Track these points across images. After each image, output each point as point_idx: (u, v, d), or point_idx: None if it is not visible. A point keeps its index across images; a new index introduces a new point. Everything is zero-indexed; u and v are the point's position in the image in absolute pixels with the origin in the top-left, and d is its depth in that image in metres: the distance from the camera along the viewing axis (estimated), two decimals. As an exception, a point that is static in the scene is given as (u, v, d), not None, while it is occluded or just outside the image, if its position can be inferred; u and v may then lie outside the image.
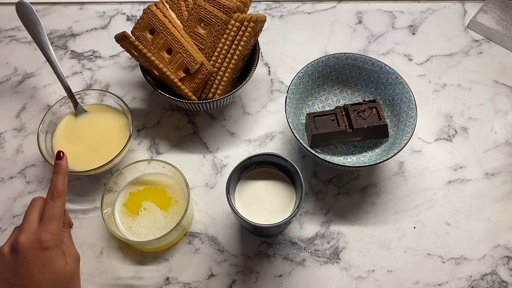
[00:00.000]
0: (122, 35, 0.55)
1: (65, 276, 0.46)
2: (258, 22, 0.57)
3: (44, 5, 0.78)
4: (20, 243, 0.44)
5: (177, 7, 0.59)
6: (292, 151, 0.64)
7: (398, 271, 0.56)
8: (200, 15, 0.57)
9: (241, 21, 0.56)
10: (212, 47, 0.58)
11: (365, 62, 0.62)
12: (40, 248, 0.44)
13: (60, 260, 0.46)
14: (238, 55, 0.57)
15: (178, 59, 0.57)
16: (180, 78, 0.58)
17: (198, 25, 0.58)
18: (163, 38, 0.57)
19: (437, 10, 0.78)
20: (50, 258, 0.45)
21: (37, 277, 0.43)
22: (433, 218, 0.59)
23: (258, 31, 0.60)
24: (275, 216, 0.51)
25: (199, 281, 0.55)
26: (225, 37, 0.57)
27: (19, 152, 0.64)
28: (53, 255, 0.45)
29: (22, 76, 0.71)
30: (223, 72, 0.58)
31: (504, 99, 0.69)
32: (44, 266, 0.44)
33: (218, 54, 0.58)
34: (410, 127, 0.57)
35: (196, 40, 0.58)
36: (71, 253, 0.48)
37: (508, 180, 0.62)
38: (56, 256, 0.45)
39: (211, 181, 0.62)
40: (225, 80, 0.58)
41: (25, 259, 0.44)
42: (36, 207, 0.48)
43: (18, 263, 0.44)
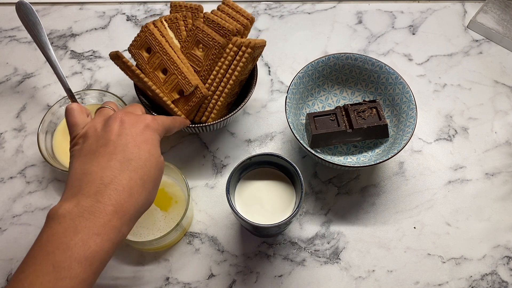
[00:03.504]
0: (115, 55, 0.54)
1: (157, 163, 0.39)
2: (256, 48, 0.55)
3: (44, 5, 0.78)
4: (121, 115, 0.39)
5: (176, 27, 0.58)
6: (292, 151, 0.64)
7: (398, 271, 0.56)
8: (197, 37, 0.55)
9: (238, 46, 0.54)
10: (208, 70, 0.56)
11: (365, 62, 0.62)
12: (144, 125, 0.40)
13: (157, 146, 0.40)
14: (234, 80, 0.55)
15: (173, 80, 0.55)
16: (174, 100, 0.56)
17: (195, 47, 0.56)
18: (159, 58, 0.56)
19: (437, 10, 0.78)
20: (150, 138, 0.39)
21: (131, 150, 0.37)
22: (433, 218, 0.59)
23: (257, 56, 0.58)
24: (275, 216, 0.51)
25: (199, 281, 0.55)
26: (222, 60, 0.55)
27: (19, 152, 0.64)
28: (153, 137, 0.40)
29: (22, 76, 0.71)
30: (218, 96, 0.56)
31: (504, 99, 0.69)
32: (142, 142, 0.38)
33: (214, 77, 0.56)
34: (410, 127, 0.57)
35: (192, 62, 0.56)
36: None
37: (508, 180, 0.62)
38: (155, 140, 0.40)
39: (211, 181, 0.62)
40: (219, 104, 0.56)
41: (124, 130, 0.38)
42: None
43: (114, 133, 0.38)
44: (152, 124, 0.41)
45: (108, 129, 0.39)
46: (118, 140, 0.38)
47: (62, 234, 0.33)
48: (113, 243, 0.34)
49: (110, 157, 0.37)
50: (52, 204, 0.60)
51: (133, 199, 0.36)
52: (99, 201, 0.34)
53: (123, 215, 0.35)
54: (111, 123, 0.39)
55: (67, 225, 0.33)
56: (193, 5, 0.59)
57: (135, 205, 0.36)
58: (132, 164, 0.37)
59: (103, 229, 0.33)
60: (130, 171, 0.37)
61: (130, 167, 0.37)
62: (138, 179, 0.37)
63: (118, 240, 0.35)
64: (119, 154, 0.37)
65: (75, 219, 0.33)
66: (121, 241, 0.35)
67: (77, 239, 0.32)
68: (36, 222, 0.59)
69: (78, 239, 0.32)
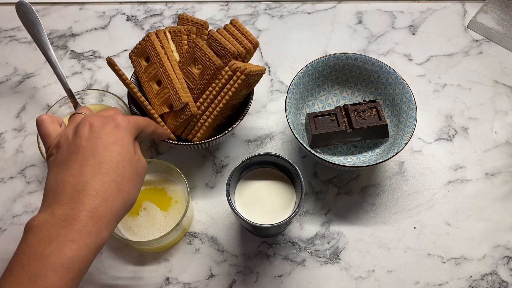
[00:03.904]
0: (108, 61, 0.55)
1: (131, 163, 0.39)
2: (251, 75, 0.53)
3: (44, 5, 0.78)
4: (91, 119, 0.39)
5: (179, 40, 0.57)
6: (292, 151, 0.64)
7: (398, 271, 0.56)
8: (195, 54, 0.55)
9: (234, 70, 0.53)
10: (202, 89, 0.55)
11: (365, 62, 0.62)
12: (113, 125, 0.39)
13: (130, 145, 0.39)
14: (224, 103, 0.54)
15: (165, 93, 0.55)
16: (164, 113, 0.56)
17: (192, 64, 0.55)
18: (156, 69, 0.55)
19: (437, 10, 0.78)
20: (120, 138, 0.39)
21: (101, 153, 0.37)
22: (433, 218, 0.59)
23: (253, 83, 0.57)
24: (275, 216, 0.51)
25: (199, 281, 0.55)
26: (216, 82, 0.55)
27: (19, 152, 0.64)
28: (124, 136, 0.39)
29: (22, 76, 0.71)
30: (207, 117, 0.55)
31: (504, 99, 0.69)
32: (112, 144, 0.38)
33: (206, 97, 0.55)
34: (410, 127, 0.57)
35: (188, 78, 0.56)
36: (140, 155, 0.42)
37: (508, 180, 0.62)
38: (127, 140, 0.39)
39: (211, 181, 0.62)
40: (206, 125, 0.56)
41: (93, 133, 0.38)
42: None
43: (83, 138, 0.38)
44: (122, 123, 0.40)
45: (78, 135, 0.39)
46: (88, 144, 0.38)
47: (37, 245, 0.33)
48: (91, 248, 0.34)
49: (81, 163, 0.37)
50: (52, 204, 0.60)
51: (108, 203, 0.36)
52: (73, 208, 0.34)
53: (98, 219, 0.34)
54: (80, 129, 0.39)
55: (42, 235, 0.33)
56: (199, 21, 0.58)
57: (111, 209, 0.36)
58: (104, 167, 0.37)
59: (78, 235, 0.33)
60: (103, 174, 0.36)
61: (102, 170, 0.36)
62: (111, 182, 0.36)
63: (97, 245, 0.34)
64: (90, 159, 0.37)
65: (49, 229, 0.33)
66: (101, 245, 0.35)
67: (51, 248, 0.32)
68: (36, 222, 0.59)
69: (53, 247, 0.32)
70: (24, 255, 0.33)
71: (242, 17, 0.77)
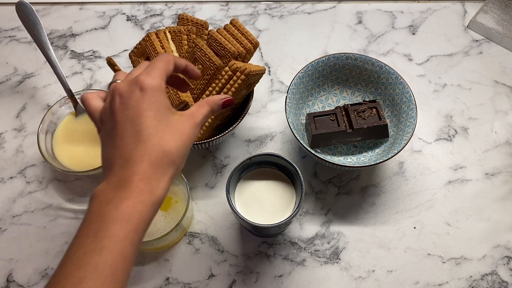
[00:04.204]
0: (108, 61, 0.55)
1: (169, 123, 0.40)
2: (251, 75, 0.53)
3: (44, 5, 0.78)
4: (118, 87, 0.40)
5: (179, 40, 0.57)
6: (292, 151, 0.64)
7: (398, 271, 0.56)
8: (196, 54, 0.54)
9: (234, 70, 0.53)
10: (202, 89, 0.55)
11: (365, 62, 0.62)
12: (138, 90, 0.39)
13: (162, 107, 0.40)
14: None
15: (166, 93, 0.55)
16: None
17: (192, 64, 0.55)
18: None
19: (437, 10, 0.78)
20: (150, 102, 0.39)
21: (137, 122, 0.38)
22: (433, 218, 0.59)
23: (253, 83, 0.57)
24: (275, 216, 0.51)
25: (199, 281, 0.55)
26: (216, 82, 0.55)
27: (19, 152, 0.64)
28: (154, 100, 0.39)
29: (22, 76, 0.71)
30: None
31: (504, 99, 0.69)
32: (144, 110, 0.39)
33: (205, 97, 0.55)
34: (410, 127, 0.57)
35: None
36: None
37: (508, 180, 0.62)
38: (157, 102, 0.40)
39: (211, 181, 0.62)
40: (206, 125, 0.56)
41: (124, 104, 0.39)
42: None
43: (118, 111, 0.39)
44: (147, 83, 0.40)
45: (113, 108, 0.40)
46: (123, 116, 0.39)
47: (97, 208, 0.36)
48: (146, 204, 0.36)
49: (122, 135, 0.39)
50: (52, 204, 0.60)
51: (155, 165, 0.38)
52: (124, 174, 0.37)
53: (148, 180, 0.37)
54: (113, 102, 0.41)
55: (101, 199, 0.36)
56: (199, 21, 0.58)
57: (158, 169, 0.38)
58: (143, 134, 0.39)
59: (131, 194, 0.36)
60: (144, 141, 0.38)
61: (142, 138, 0.38)
62: (153, 146, 0.39)
63: (152, 201, 0.37)
64: (129, 130, 0.39)
65: (106, 194, 0.36)
66: (156, 202, 0.37)
67: (109, 207, 0.35)
68: (36, 222, 0.59)
69: (111, 206, 0.35)
70: (88, 218, 0.36)
71: (242, 17, 0.77)
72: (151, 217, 0.37)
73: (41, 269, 0.56)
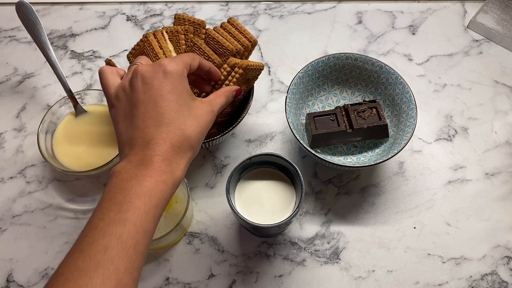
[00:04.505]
0: (107, 63, 0.55)
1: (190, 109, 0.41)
2: (248, 69, 0.53)
3: (44, 5, 0.78)
4: (141, 68, 0.41)
5: (176, 40, 0.56)
6: (292, 151, 0.64)
7: (398, 271, 0.56)
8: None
9: (232, 66, 0.53)
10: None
11: (365, 62, 0.62)
12: (162, 72, 0.40)
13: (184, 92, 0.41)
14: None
15: None
16: None
17: None
18: None
19: (437, 10, 0.78)
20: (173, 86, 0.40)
21: (160, 104, 0.40)
22: (433, 218, 0.59)
23: (252, 79, 0.56)
24: (275, 216, 0.51)
25: (199, 281, 0.55)
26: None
27: (19, 152, 0.64)
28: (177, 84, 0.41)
29: (22, 76, 0.71)
30: None
31: (504, 99, 0.69)
32: (167, 93, 0.40)
33: (205, 95, 0.54)
34: (410, 127, 0.57)
35: None
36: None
37: (508, 180, 0.62)
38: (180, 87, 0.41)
39: (211, 181, 0.62)
40: None
41: (147, 85, 0.40)
42: None
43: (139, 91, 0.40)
44: (170, 67, 0.41)
45: (134, 88, 0.41)
46: (145, 97, 0.40)
47: (120, 183, 0.37)
48: (167, 183, 0.38)
49: (144, 116, 0.40)
50: (52, 204, 0.60)
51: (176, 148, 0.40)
52: (146, 154, 0.38)
53: (169, 161, 0.39)
54: (134, 81, 0.41)
55: (123, 176, 0.37)
56: (197, 20, 0.58)
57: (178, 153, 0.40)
58: (166, 117, 0.40)
59: (154, 172, 0.37)
60: (166, 124, 0.40)
61: (164, 120, 0.40)
62: (175, 130, 0.40)
63: (173, 181, 0.38)
64: (151, 111, 0.40)
65: (129, 171, 0.37)
66: (176, 182, 0.39)
67: (132, 183, 0.37)
68: (36, 222, 0.59)
69: (134, 182, 0.37)
70: (110, 192, 0.37)
71: (242, 17, 0.77)
72: (170, 197, 0.39)
73: (41, 269, 0.56)
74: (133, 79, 0.41)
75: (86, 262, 0.33)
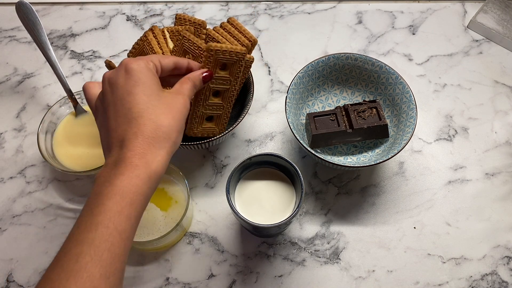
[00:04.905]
0: (107, 64, 0.55)
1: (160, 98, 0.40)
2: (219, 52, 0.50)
3: (44, 5, 0.78)
4: (106, 74, 0.41)
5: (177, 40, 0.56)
6: (292, 151, 0.64)
7: (398, 271, 0.56)
8: (184, 46, 0.53)
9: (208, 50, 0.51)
10: None
11: (365, 62, 0.62)
12: (123, 70, 0.41)
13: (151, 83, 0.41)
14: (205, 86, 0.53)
15: None
16: None
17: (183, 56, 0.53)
18: None
19: (437, 10, 0.78)
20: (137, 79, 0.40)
21: (127, 100, 0.39)
22: (433, 218, 0.59)
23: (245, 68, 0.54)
24: (275, 216, 0.51)
25: (199, 281, 0.55)
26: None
27: (19, 152, 0.64)
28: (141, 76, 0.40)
29: (22, 76, 0.71)
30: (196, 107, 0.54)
31: (504, 99, 0.69)
32: (132, 87, 0.40)
33: None
34: (410, 127, 0.57)
35: None
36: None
37: (508, 180, 0.62)
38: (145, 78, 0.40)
39: (211, 181, 0.62)
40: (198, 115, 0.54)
41: (113, 86, 0.41)
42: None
43: (108, 94, 0.41)
44: (133, 65, 0.41)
45: (104, 93, 0.42)
46: (113, 98, 0.40)
47: (96, 188, 0.37)
48: (141, 177, 0.37)
49: (114, 116, 0.40)
50: (52, 204, 0.60)
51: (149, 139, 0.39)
52: (119, 154, 0.38)
53: (143, 154, 0.38)
54: (104, 87, 0.42)
55: (99, 181, 0.38)
56: (197, 20, 0.58)
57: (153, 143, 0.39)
58: (134, 111, 0.39)
59: (125, 169, 0.37)
60: (135, 118, 0.39)
61: (133, 115, 0.39)
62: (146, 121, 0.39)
63: (148, 175, 0.38)
64: (120, 110, 0.40)
65: (105, 175, 0.38)
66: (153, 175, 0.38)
67: (105, 185, 0.37)
68: (36, 222, 0.59)
69: (106, 184, 0.37)
70: (88, 199, 0.37)
71: (242, 17, 0.77)
72: (148, 191, 0.38)
73: (41, 269, 0.56)
74: (103, 86, 0.42)
75: (58, 273, 0.33)
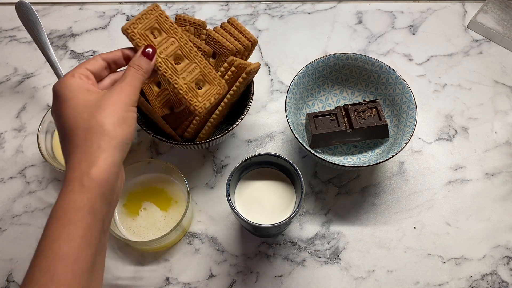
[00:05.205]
0: None
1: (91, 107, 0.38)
2: (251, 73, 0.53)
3: (44, 5, 0.78)
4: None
5: None
6: (292, 151, 0.64)
7: (398, 271, 0.56)
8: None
9: (237, 67, 0.52)
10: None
11: (365, 62, 0.62)
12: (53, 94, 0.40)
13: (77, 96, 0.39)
14: (226, 102, 0.54)
15: (166, 95, 0.55)
16: (166, 114, 0.56)
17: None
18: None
19: (437, 10, 0.78)
20: (63, 98, 0.39)
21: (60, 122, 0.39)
22: (433, 218, 0.59)
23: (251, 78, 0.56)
24: (275, 216, 0.51)
25: (199, 281, 0.55)
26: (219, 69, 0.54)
27: (19, 152, 0.64)
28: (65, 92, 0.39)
29: (22, 76, 0.71)
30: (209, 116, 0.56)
31: (504, 99, 0.69)
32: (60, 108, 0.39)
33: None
34: (410, 127, 0.57)
35: None
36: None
37: (508, 180, 0.62)
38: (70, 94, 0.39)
39: (211, 181, 0.62)
40: (209, 125, 0.56)
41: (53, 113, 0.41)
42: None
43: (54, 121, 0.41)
44: (54, 86, 0.40)
45: None
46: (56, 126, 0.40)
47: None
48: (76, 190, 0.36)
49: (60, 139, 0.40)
50: (52, 204, 0.60)
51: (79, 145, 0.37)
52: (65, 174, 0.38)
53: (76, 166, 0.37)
54: None
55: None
56: (197, 21, 0.58)
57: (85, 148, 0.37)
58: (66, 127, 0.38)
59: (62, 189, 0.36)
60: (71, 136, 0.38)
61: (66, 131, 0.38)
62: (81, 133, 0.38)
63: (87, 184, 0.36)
64: (60, 133, 0.39)
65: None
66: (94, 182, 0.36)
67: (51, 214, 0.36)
68: (36, 222, 0.59)
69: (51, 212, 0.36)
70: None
71: (242, 17, 0.77)
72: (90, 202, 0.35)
73: (41, 269, 0.56)
74: None
75: None
